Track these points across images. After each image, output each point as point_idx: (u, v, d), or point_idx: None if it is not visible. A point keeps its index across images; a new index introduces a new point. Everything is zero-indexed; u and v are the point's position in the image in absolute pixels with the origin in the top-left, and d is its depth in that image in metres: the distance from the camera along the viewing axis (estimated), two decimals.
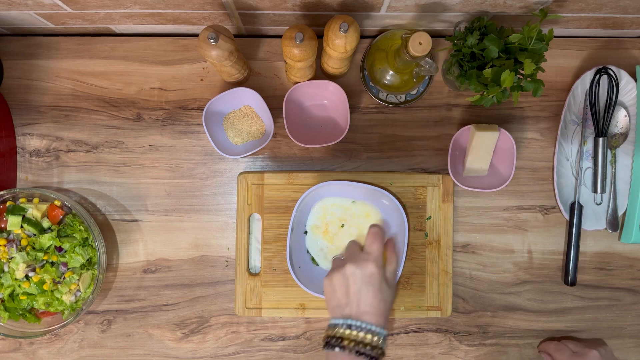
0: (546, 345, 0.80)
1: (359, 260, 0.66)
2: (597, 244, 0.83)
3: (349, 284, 0.65)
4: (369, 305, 0.63)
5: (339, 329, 0.62)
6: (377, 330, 0.61)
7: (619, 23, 0.77)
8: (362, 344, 0.60)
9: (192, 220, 0.82)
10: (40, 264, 0.74)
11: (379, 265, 0.66)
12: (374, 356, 0.60)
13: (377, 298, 0.64)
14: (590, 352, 0.73)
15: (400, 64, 0.72)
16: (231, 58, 0.68)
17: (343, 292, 0.65)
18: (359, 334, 0.61)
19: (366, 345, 0.60)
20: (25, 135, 0.82)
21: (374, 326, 0.61)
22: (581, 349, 0.75)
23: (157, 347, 0.82)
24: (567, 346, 0.77)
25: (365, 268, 0.65)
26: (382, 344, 0.61)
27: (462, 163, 0.81)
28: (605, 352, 0.75)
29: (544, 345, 0.81)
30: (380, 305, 0.63)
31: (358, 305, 0.63)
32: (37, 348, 0.81)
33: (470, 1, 0.67)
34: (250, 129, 0.81)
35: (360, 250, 0.70)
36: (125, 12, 0.73)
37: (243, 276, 0.80)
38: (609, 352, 0.75)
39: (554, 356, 0.77)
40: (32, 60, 0.82)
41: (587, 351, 0.74)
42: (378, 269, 0.65)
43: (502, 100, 0.67)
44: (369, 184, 0.78)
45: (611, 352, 0.76)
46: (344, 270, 0.66)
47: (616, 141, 0.82)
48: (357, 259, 0.66)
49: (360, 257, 0.67)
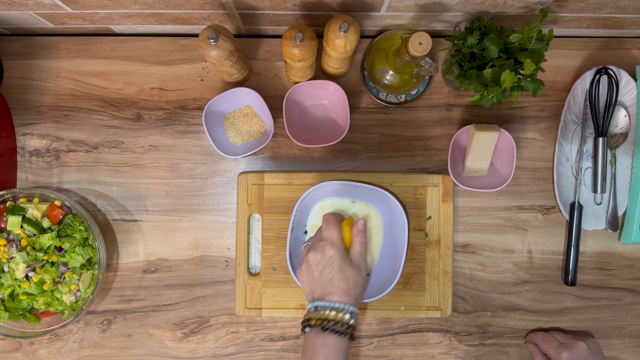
0: (533, 336, 0.81)
1: (317, 247, 0.69)
2: (597, 244, 0.83)
3: (312, 270, 0.68)
4: (332, 286, 0.66)
5: (309, 313, 0.66)
6: (341, 307, 0.64)
7: (619, 23, 0.77)
8: (327, 321, 0.64)
9: (192, 220, 0.82)
10: (40, 264, 0.74)
11: (338, 248, 0.68)
12: (340, 332, 0.63)
13: (337, 278, 0.66)
14: (578, 344, 0.74)
15: (400, 64, 0.72)
16: (231, 58, 0.68)
17: (310, 279, 0.69)
18: (324, 312, 0.64)
19: (330, 322, 0.63)
20: (25, 135, 0.82)
21: (337, 303, 0.65)
22: (568, 341, 0.76)
23: (157, 347, 0.82)
24: (554, 337, 0.77)
25: (324, 252, 0.68)
26: (349, 319, 0.64)
27: (462, 163, 0.81)
28: (593, 344, 0.75)
29: (531, 335, 0.81)
30: (342, 284, 0.66)
31: (323, 287, 0.67)
32: (37, 348, 0.81)
33: (470, 1, 0.67)
34: (250, 129, 0.81)
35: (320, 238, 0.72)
36: (125, 12, 0.73)
37: (243, 276, 0.80)
38: (597, 345, 0.76)
39: (541, 346, 0.78)
40: (32, 60, 0.82)
41: (574, 342, 0.74)
42: (336, 251, 0.68)
43: (502, 100, 0.67)
44: (369, 184, 0.78)
45: (598, 345, 0.76)
46: (307, 259, 0.69)
47: (616, 141, 0.82)
48: (316, 246, 0.70)
49: (319, 244, 0.69)
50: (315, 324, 0.64)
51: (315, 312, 0.65)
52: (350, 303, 0.65)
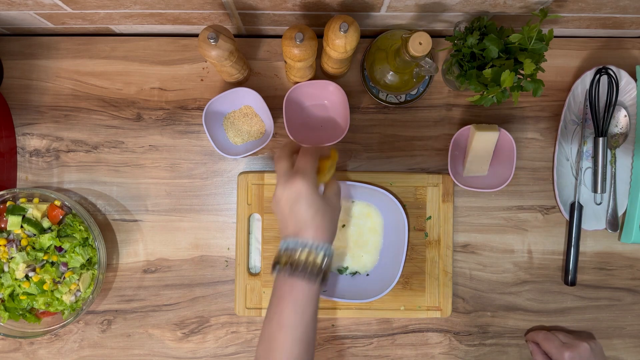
0: (535, 334, 0.80)
1: (286, 180, 0.61)
2: (597, 244, 0.83)
3: (281, 206, 0.61)
4: (305, 222, 0.59)
5: (279, 253, 0.60)
6: (314, 245, 0.58)
7: (619, 23, 0.77)
8: (296, 263, 0.57)
9: (192, 220, 0.82)
10: (40, 264, 0.74)
11: (308, 180, 0.60)
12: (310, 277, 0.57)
13: (309, 212, 0.59)
14: (581, 345, 0.73)
15: (400, 64, 0.72)
16: (231, 58, 0.68)
17: (281, 215, 0.62)
18: (294, 252, 0.58)
19: (300, 264, 0.57)
20: (25, 135, 0.82)
21: (310, 241, 0.58)
22: (571, 341, 0.75)
23: (157, 347, 0.82)
24: (556, 336, 0.76)
25: (293, 185, 0.60)
26: (321, 261, 0.58)
27: (462, 163, 0.81)
28: (595, 346, 0.75)
29: (532, 334, 0.81)
30: (317, 219, 0.59)
31: (295, 223, 0.60)
32: (37, 348, 0.81)
33: (470, 1, 0.67)
34: (250, 129, 0.81)
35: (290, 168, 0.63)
36: (125, 12, 0.73)
37: (243, 276, 0.80)
38: (599, 347, 0.75)
39: (543, 345, 0.77)
40: (32, 60, 0.82)
41: (577, 343, 0.74)
42: (307, 183, 0.59)
43: (502, 100, 0.67)
44: (369, 184, 0.78)
45: (601, 347, 0.76)
46: (275, 196, 0.62)
47: (616, 141, 0.82)
48: (284, 180, 0.61)
49: (287, 176, 0.61)
50: (284, 265, 0.58)
51: (285, 251, 0.59)
52: (325, 240, 0.59)
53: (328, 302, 0.80)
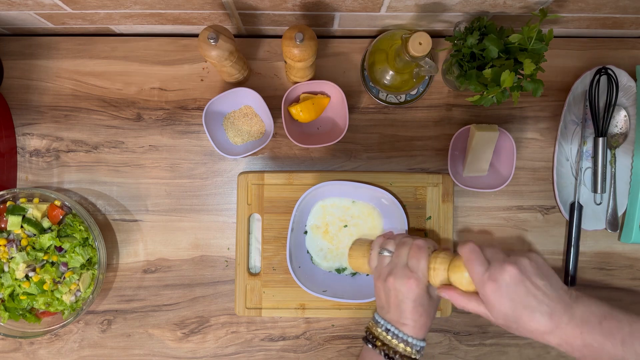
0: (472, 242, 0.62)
1: (402, 276, 0.64)
2: (597, 244, 0.83)
3: (390, 295, 0.64)
4: (409, 318, 0.63)
5: (379, 328, 0.64)
6: (413, 342, 0.62)
7: (619, 23, 0.77)
8: (394, 351, 0.62)
9: (192, 220, 0.82)
10: (40, 264, 0.74)
11: (423, 285, 0.63)
12: None
13: (417, 312, 0.63)
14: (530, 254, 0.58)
15: (400, 64, 0.72)
16: (231, 58, 0.68)
17: (385, 300, 0.65)
18: (393, 340, 0.62)
19: (396, 353, 0.62)
20: (25, 135, 0.82)
21: (410, 338, 0.62)
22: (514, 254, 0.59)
23: (157, 347, 0.82)
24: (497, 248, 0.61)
25: (408, 286, 0.63)
26: (416, 354, 0.62)
27: (462, 163, 0.81)
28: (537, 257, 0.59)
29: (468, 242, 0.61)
30: (421, 319, 0.63)
31: (399, 315, 0.63)
32: (37, 348, 0.81)
33: (470, 1, 0.67)
34: (250, 129, 0.81)
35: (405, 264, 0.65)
36: (125, 12, 0.73)
37: (243, 276, 0.80)
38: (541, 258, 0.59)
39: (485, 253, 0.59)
40: (32, 60, 0.82)
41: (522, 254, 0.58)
42: (420, 288, 0.63)
43: (502, 100, 0.67)
44: (369, 184, 0.78)
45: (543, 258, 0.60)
46: (386, 283, 0.65)
47: (616, 141, 0.82)
48: (400, 274, 0.64)
49: (404, 272, 0.64)
50: (381, 347, 0.62)
51: (384, 332, 0.63)
52: (421, 337, 0.63)
53: (328, 302, 0.80)
